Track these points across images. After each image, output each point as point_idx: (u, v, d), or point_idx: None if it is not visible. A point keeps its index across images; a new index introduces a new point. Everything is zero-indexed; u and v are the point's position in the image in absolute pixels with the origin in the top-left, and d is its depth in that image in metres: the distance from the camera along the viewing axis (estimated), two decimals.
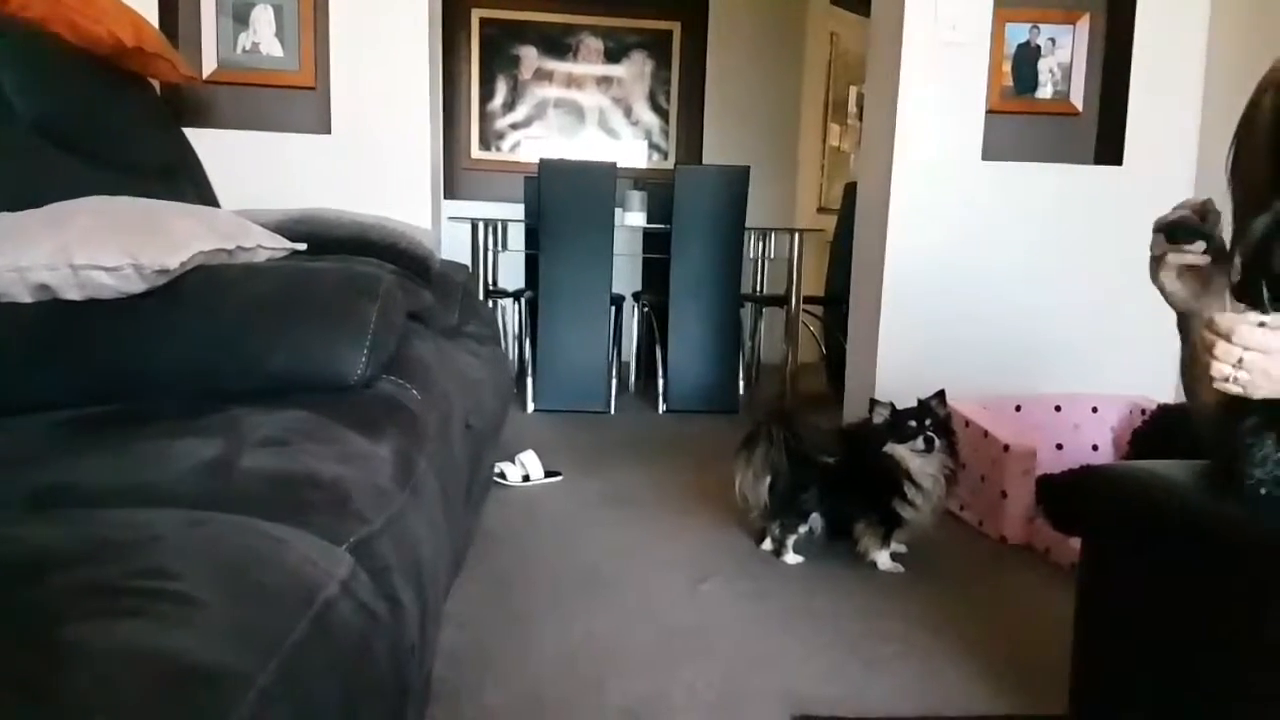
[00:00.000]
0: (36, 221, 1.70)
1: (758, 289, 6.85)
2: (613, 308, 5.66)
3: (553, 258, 5.47)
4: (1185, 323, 1.66)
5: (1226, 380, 1.38)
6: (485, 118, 7.56)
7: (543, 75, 7.57)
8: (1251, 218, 1.46)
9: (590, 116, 7.66)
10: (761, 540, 3.17)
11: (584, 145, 7.62)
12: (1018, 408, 3.77)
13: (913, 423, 2.93)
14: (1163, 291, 1.66)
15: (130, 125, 2.80)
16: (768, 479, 3.02)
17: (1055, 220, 4.12)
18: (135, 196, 2.08)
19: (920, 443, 2.91)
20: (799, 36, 7.77)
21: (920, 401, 2.98)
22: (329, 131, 4.10)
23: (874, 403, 3.01)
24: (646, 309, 6.22)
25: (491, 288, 6.18)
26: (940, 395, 3.00)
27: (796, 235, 5.86)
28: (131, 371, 1.64)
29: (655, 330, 5.93)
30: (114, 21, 2.67)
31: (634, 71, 7.63)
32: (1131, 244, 1.74)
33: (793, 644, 2.45)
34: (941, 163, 4.09)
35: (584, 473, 4.07)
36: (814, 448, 3.04)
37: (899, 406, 2.99)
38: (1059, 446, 3.78)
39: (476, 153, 7.56)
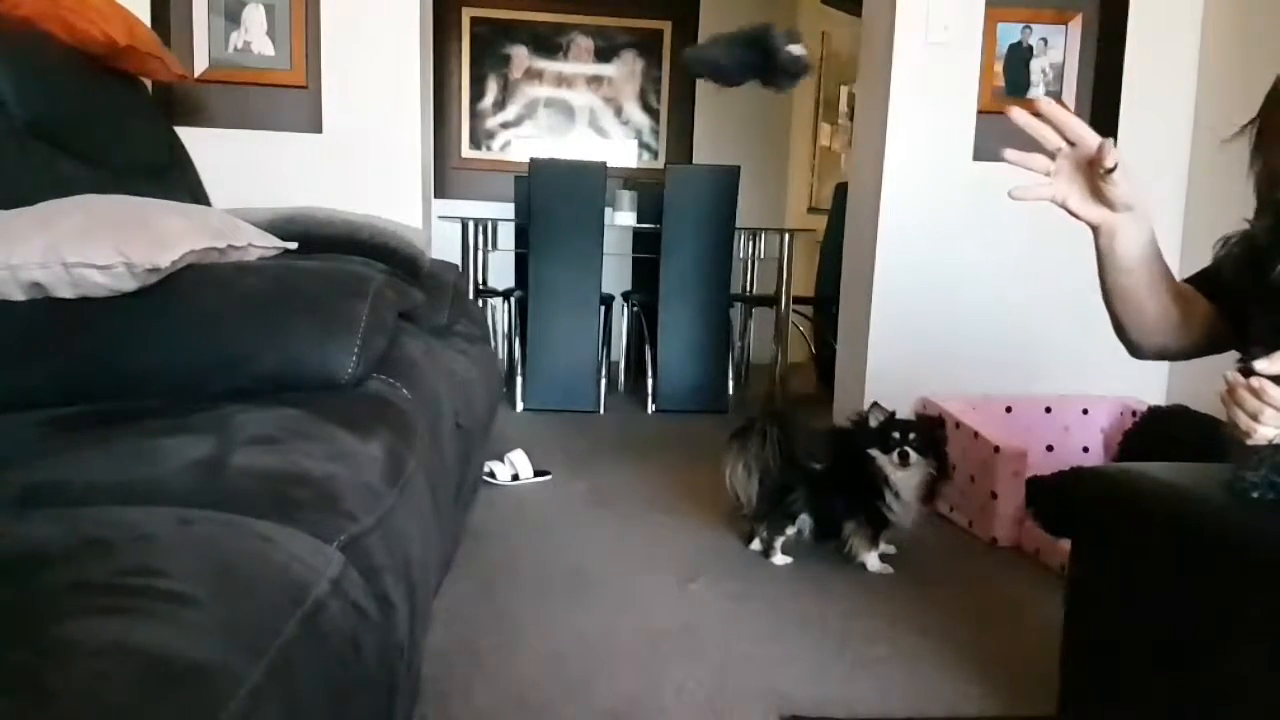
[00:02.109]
0: (28, 220, 1.70)
1: (747, 289, 6.85)
2: (602, 307, 5.67)
3: (543, 257, 5.47)
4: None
5: (1271, 440, 1.40)
6: (476, 117, 7.56)
7: (533, 74, 7.57)
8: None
9: (581, 116, 7.66)
10: (750, 540, 3.17)
11: (574, 145, 7.62)
12: (1008, 409, 3.78)
13: (896, 434, 2.92)
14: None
15: (122, 124, 2.79)
16: (758, 475, 3.02)
17: (1046, 221, 4.11)
18: (127, 195, 2.08)
19: (895, 457, 2.91)
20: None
21: (918, 415, 2.98)
22: (320, 130, 4.10)
23: (874, 406, 3.01)
24: (636, 309, 6.22)
25: (481, 287, 6.18)
26: (939, 419, 3.02)
27: (786, 235, 5.86)
28: (123, 369, 1.64)
29: (645, 330, 5.94)
30: (106, 20, 2.66)
31: (624, 71, 7.63)
32: None
33: (781, 644, 2.46)
34: (932, 163, 4.09)
35: (573, 472, 4.07)
36: (805, 451, 3.04)
37: (896, 412, 2.99)
38: (1049, 448, 3.79)
39: (467, 152, 7.55)
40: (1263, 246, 1.47)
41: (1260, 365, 1.37)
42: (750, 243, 6.71)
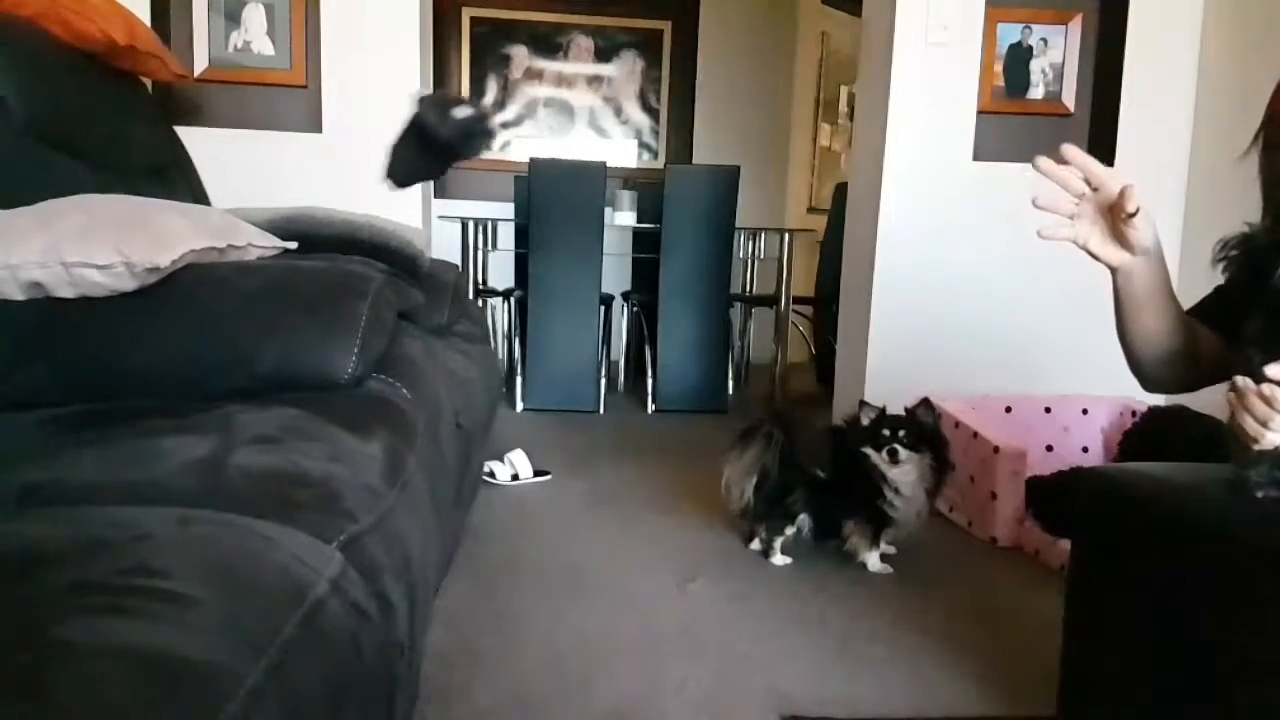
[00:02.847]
0: (28, 219, 1.70)
1: (747, 289, 6.85)
2: (602, 307, 5.67)
3: (542, 257, 5.47)
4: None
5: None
6: None
7: (533, 74, 7.56)
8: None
9: (580, 116, 7.65)
10: (749, 540, 3.17)
11: (574, 144, 7.61)
12: (1008, 409, 3.78)
13: (886, 432, 2.92)
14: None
15: (122, 124, 2.79)
16: (755, 478, 3.01)
17: (1046, 222, 4.11)
18: (127, 195, 2.08)
19: (885, 455, 2.91)
20: (790, 36, 7.78)
21: (907, 410, 2.98)
22: (320, 130, 4.10)
23: (862, 404, 3.01)
24: (636, 309, 6.22)
25: (481, 287, 6.18)
26: (925, 403, 2.99)
27: (786, 235, 5.86)
28: (122, 369, 1.64)
29: (645, 330, 5.94)
30: (106, 20, 2.66)
31: (624, 71, 7.62)
32: None
33: (781, 644, 2.46)
34: (932, 163, 4.09)
35: (573, 472, 4.07)
36: (806, 455, 3.04)
37: (889, 408, 2.98)
38: (1049, 448, 3.79)
39: None
40: (1262, 248, 1.47)
41: (1272, 371, 1.37)
42: (750, 243, 6.71)
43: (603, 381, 5.63)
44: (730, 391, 5.95)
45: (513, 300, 6.02)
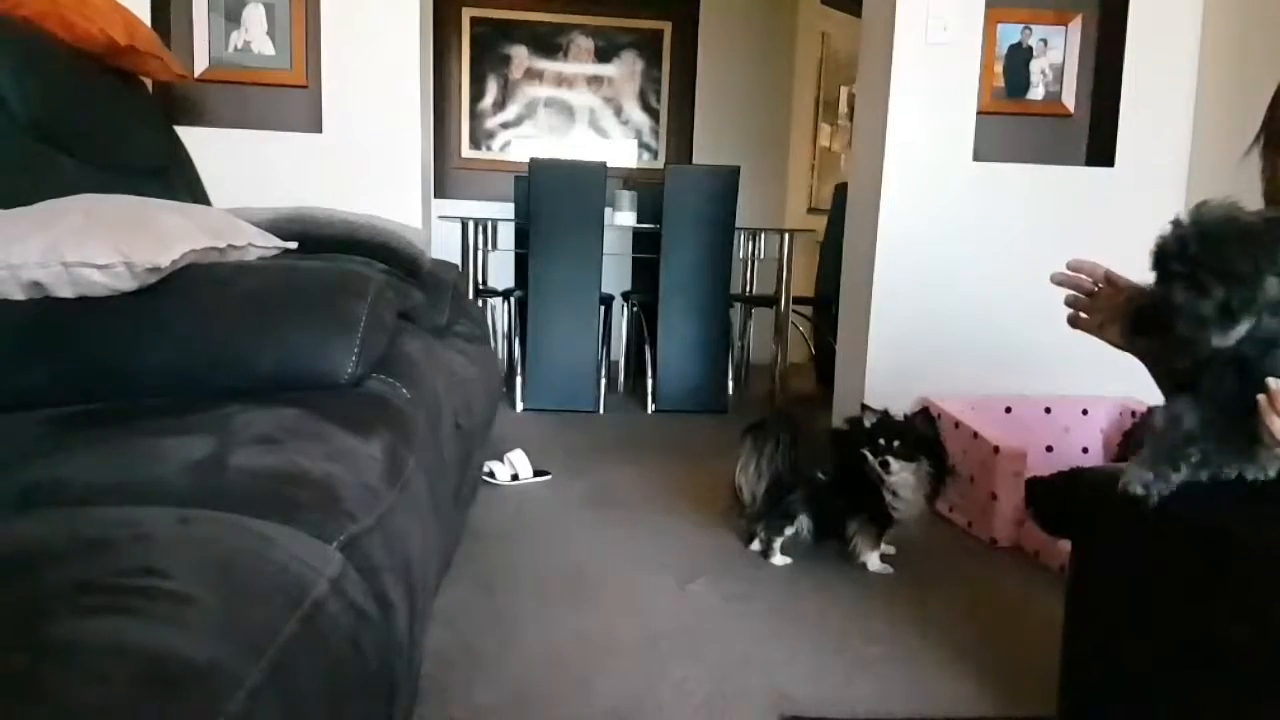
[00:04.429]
0: (29, 219, 1.70)
1: (747, 289, 6.84)
2: (602, 307, 5.68)
3: (542, 257, 5.47)
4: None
5: None
6: (476, 117, 7.55)
7: (533, 74, 7.56)
8: None
9: (581, 116, 7.65)
10: (749, 541, 3.17)
11: (574, 145, 7.61)
12: (1008, 409, 3.78)
13: (882, 440, 2.91)
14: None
15: (123, 124, 2.79)
16: (768, 480, 3.01)
17: (1046, 222, 4.13)
18: (127, 195, 2.08)
19: (878, 464, 2.90)
20: (790, 36, 7.78)
21: (906, 417, 2.97)
22: (320, 130, 4.10)
23: (864, 408, 3.00)
24: (636, 309, 6.22)
25: (481, 287, 6.17)
26: (923, 413, 2.99)
27: (786, 235, 5.86)
28: (122, 369, 1.64)
29: (644, 330, 5.94)
30: (107, 20, 2.66)
31: (624, 71, 7.63)
32: (1123, 246, 1.78)
33: (780, 644, 2.45)
34: (932, 163, 4.09)
35: (573, 472, 4.07)
36: (808, 456, 3.03)
37: (890, 410, 2.98)
38: (1049, 448, 3.79)
39: (467, 152, 7.55)
40: (1173, 307, 1.43)
41: None
42: (750, 243, 6.70)
43: (603, 381, 5.64)
44: (730, 391, 5.94)
45: (513, 300, 6.03)
